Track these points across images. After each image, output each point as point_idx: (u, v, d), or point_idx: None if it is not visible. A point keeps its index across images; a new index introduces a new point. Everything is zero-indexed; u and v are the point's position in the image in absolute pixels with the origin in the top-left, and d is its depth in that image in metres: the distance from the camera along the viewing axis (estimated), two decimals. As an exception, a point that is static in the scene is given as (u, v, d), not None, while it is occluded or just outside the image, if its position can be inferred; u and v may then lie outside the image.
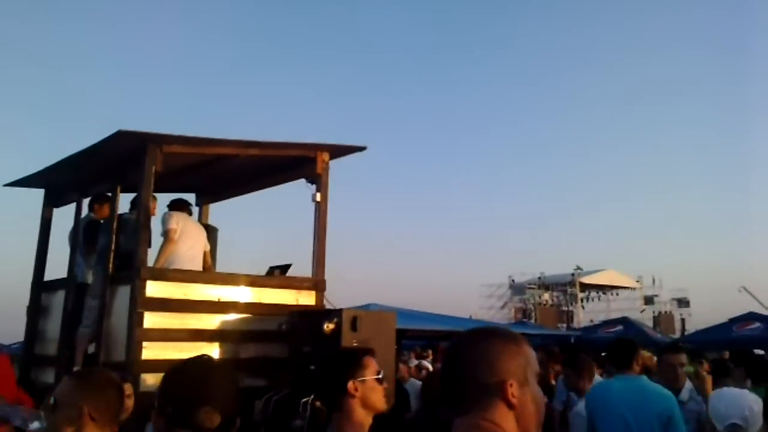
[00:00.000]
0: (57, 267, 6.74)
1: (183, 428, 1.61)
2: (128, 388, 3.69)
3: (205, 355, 1.81)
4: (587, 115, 53.33)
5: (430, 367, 8.98)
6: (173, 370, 1.76)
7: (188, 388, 1.66)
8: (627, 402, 3.79)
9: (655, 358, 8.05)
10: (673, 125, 52.86)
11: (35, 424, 3.02)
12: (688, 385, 4.35)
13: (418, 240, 53.68)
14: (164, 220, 6.08)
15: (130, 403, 3.68)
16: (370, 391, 2.26)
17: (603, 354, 7.71)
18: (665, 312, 30.13)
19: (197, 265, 6.15)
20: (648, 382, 3.94)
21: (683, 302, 30.73)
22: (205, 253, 6.37)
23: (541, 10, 56.33)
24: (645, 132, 53.16)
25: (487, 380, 1.40)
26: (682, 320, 28.83)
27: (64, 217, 6.85)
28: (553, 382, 7.38)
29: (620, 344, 4.25)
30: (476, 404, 1.40)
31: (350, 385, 2.25)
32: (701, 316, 27.05)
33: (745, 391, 3.20)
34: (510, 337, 1.49)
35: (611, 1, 55.02)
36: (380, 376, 2.30)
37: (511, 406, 1.39)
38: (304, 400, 4.57)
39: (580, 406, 4.45)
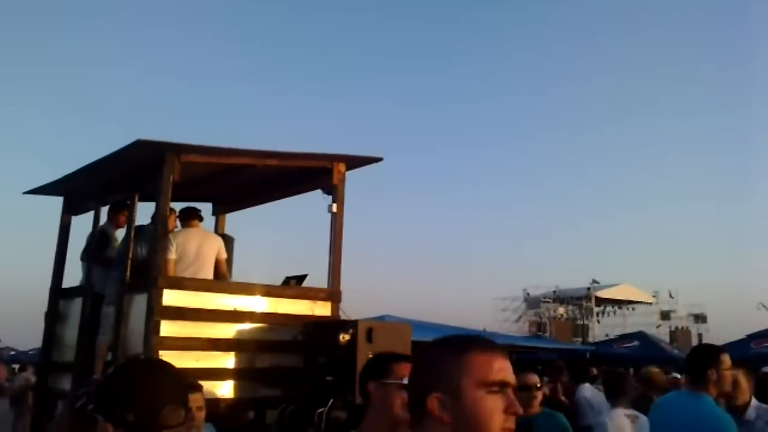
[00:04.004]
0: (76, 274, 6.80)
1: None
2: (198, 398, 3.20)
3: (137, 355, 1.70)
4: (603, 128, 53.14)
5: None
6: (116, 377, 1.59)
7: (146, 390, 1.53)
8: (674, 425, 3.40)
9: (665, 375, 7.86)
10: (691, 140, 52.56)
11: None
12: (754, 402, 3.85)
13: (434, 253, 53.64)
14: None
15: (201, 415, 3.26)
16: (389, 394, 2.23)
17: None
18: (682, 327, 29.77)
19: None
20: (708, 403, 3.36)
21: (700, 318, 30.35)
22: (218, 262, 6.15)
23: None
24: (661, 148, 52.89)
25: (420, 393, 1.32)
26: (699, 336, 28.42)
27: (83, 225, 6.91)
28: (563, 397, 7.22)
29: (691, 352, 3.74)
30: (415, 421, 1.34)
31: (369, 385, 2.27)
32: (718, 332, 26.69)
33: None
34: (454, 342, 1.36)
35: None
36: (405, 383, 2.28)
37: (441, 421, 1.28)
38: (319, 410, 4.55)
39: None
